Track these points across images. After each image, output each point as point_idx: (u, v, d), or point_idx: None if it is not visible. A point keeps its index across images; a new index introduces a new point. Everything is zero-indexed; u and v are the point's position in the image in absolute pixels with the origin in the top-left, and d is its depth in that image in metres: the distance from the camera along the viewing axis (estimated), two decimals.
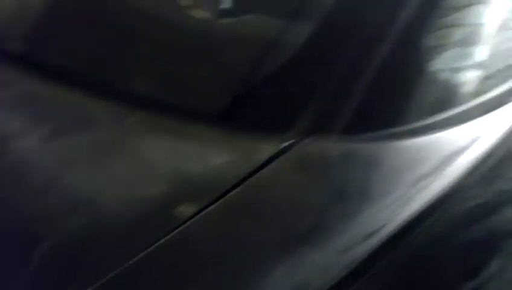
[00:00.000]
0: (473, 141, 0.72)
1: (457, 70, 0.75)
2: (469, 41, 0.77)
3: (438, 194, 0.65)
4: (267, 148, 0.64)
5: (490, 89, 0.78)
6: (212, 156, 0.66)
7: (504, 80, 0.81)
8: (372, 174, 0.65)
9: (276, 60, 0.74)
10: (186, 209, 0.57)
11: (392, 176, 0.65)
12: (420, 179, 0.65)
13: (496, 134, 0.76)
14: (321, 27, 0.75)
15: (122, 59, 0.84)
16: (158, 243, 0.53)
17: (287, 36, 0.78)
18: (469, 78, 0.76)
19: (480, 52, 0.79)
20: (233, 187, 0.59)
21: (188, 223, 0.55)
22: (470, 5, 0.78)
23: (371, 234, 0.59)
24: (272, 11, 0.84)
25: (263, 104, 0.72)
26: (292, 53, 0.74)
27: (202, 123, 0.70)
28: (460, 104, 0.74)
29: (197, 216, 0.56)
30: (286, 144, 0.65)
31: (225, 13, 0.91)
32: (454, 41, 0.76)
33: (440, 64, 0.73)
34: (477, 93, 0.77)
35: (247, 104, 0.73)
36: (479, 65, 0.78)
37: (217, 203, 0.57)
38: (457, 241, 0.72)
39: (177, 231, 0.54)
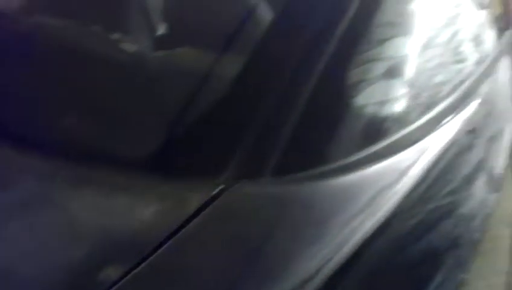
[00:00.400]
0: (405, 171, 0.73)
1: (382, 103, 0.76)
2: (392, 74, 0.79)
3: (376, 225, 0.65)
4: (196, 197, 0.62)
5: (415, 119, 0.79)
6: (140, 209, 0.63)
7: (427, 110, 0.82)
8: (304, 217, 0.64)
9: (202, 103, 0.73)
10: (111, 273, 0.54)
11: (325, 218, 0.64)
12: (353, 218, 0.65)
13: (427, 159, 0.77)
14: (247, 66, 0.74)
15: (43, 104, 0.79)
16: None
17: (216, 75, 0.76)
18: (394, 110, 0.77)
19: (403, 84, 0.80)
20: (161, 244, 0.56)
21: (113, 288, 0.52)
22: (391, 37, 0.79)
23: (308, 280, 0.58)
24: (201, 47, 0.83)
25: (191, 148, 0.70)
26: (217, 95, 0.73)
27: (131, 172, 0.67)
28: (387, 137, 0.75)
29: (123, 280, 0.53)
30: (216, 190, 0.63)
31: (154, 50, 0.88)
32: (377, 75, 0.77)
33: (364, 99, 0.74)
34: (403, 125, 0.77)
35: (175, 149, 0.70)
36: (403, 97, 0.79)
37: (143, 264, 0.54)
38: (403, 260, 0.73)
39: None
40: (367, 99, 0.74)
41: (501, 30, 1.32)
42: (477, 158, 0.95)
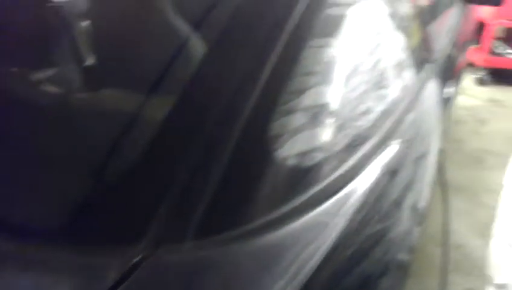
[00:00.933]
0: (329, 222, 0.73)
1: (304, 154, 0.76)
2: (313, 123, 0.79)
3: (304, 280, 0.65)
4: (115, 267, 0.60)
5: (337, 167, 0.80)
6: (55, 286, 0.59)
7: (349, 156, 0.83)
8: (229, 283, 0.63)
9: (116, 164, 0.70)
10: None
11: (250, 281, 0.63)
12: (279, 279, 0.64)
13: (351, 206, 0.78)
14: (164, 126, 0.72)
15: None
16: None
17: (132, 135, 0.74)
18: (315, 160, 0.77)
19: (325, 132, 0.80)
20: None
21: None
22: (311, 86, 0.80)
23: None
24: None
25: (105, 214, 0.67)
26: (132, 155, 0.70)
27: (40, 245, 0.63)
28: (310, 188, 0.75)
29: None
30: (135, 260, 0.60)
31: None
32: (299, 126, 0.76)
33: (286, 151, 0.73)
34: (325, 175, 0.78)
35: (88, 215, 0.67)
36: (325, 145, 0.80)
37: None
38: None
39: None
40: (289, 152, 0.74)
41: (422, 62, 1.37)
42: (400, 195, 0.97)
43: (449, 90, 1.75)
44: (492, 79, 4.32)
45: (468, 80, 4.31)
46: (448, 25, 2.04)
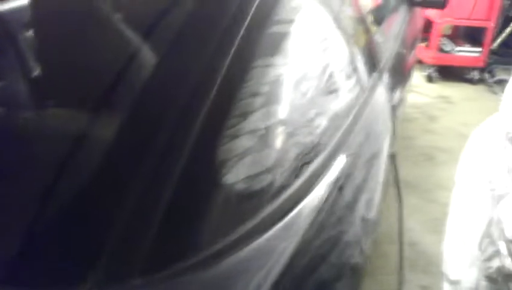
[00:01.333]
0: (278, 246, 0.73)
1: (252, 179, 0.75)
2: (259, 146, 0.78)
3: None
4: None
5: (285, 190, 0.80)
6: None
7: (296, 178, 0.83)
8: None
9: (58, 198, 0.67)
10: None
11: None
12: None
13: (299, 229, 0.78)
14: (106, 158, 0.69)
15: None
16: None
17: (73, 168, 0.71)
18: (264, 185, 0.77)
19: (270, 156, 0.80)
20: None
21: None
22: (256, 109, 0.79)
23: None
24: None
25: (46, 252, 0.64)
26: (74, 188, 0.67)
27: None
28: (260, 213, 0.74)
29: None
30: None
31: None
32: (245, 149, 0.76)
33: (233, 177, 0.72)
34: (275, 198, 0.77)
35: (27, 255, 0.64)
36: (272, 168, 0.79)
37: None
38: None
39: None
40: (237, 176, 0.73)
41: (370, 68, 1.39)
42: (350, 207, 0.98)
43: (398, 92, 1.79)
44: (440, 76, 4.44)
45: (417, 78, 4.43)
46: (395, 27, 2.09)
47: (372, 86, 1.34)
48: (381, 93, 1.42)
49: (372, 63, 1.42)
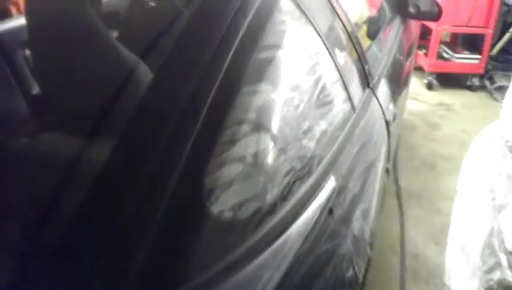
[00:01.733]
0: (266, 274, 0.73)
1: (239, 206, 0.76)
2: (246, 174, 0.78)
3: None
4: None
5: (273, 217, 0.80)
6: None
7: (284, 204, 0.83)
8: None
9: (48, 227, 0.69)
10: None
11: None
12: None
13: (289, 256, 0.78)
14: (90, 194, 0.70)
15: None
16: None
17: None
18: (251, 213, 0.77)
19: (257, 184, 0.80)
20: None
21: None
22: (244, 136, 0.80)
23: None
24: None
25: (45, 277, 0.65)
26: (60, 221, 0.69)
27: None
28: (247, 241, 0.74)
29: None
30: None
31: None
32: (233, 178, 0.76)
33: (221, 205, 0.73)
34: (262, 225, 0.78)
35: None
36: (259, 195, 0.80)
37: None
38: None
39: None
40: (224, 205, 0.73)
41: (361, 86, 1.39)
42: (341, 229, 0.98)
43: (393, 105, 1.79)
44: (440, 83, 4.44)
45: (417, 85, 4.43)
46: (389, 40, 2.09)
47: (364, 103, 1.34)
48: (374, 109, 1.42)
49: (365, 78, 1.42)
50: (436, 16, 2.26)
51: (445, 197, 2.65)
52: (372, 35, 1.96)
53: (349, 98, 1.20)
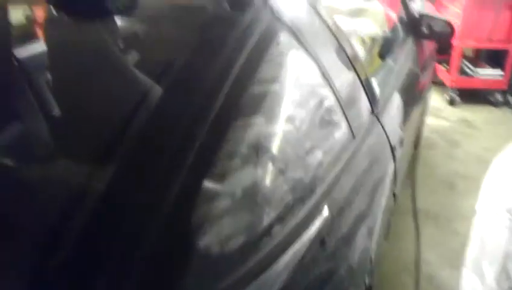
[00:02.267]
0: None
1: (229, 238, 0.77)
2: (237, 207, 0.80)
3: None
4: None
5: (263, 249, 0.81)
6: None
7: (274, 237, 0.84)
8: None
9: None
10: None
11: None
12: None
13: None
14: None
15: None
16: None
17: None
18: (241, 243, 0.78)
19: (245, 218, 0.82)
20: None
21: None
22: (235, 170, 0.81)
23: None
24: None
25: None
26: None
27: None
28: (234, 274, 0.76)
29: None
30: None
31: None
32: (222, 211, 0.78)
33: (209, 239, 0.74)
34: (251, 258, 0.79)
35: None
36: (250, 226, 0.81)
37: None
38: None
39: None
40: (213, 238, 0.75)
41: (364, 113, 1.39)
42: (332, 259, 0.99)
43: (402, 129, 1.78)
44: (462, 99, 4.38)
45: (439, 101, 4.38)
46: (402, 60, 2.09)
47: (367, 130, 1.34)
48: (378, 135, 1.42)
49: (368, 105, 1.42)
50: (449, 35, 2.25)
51: (463, 218, 2.61)
52: (384, 55, 1.97)
53: (349, 125, 1.21)
